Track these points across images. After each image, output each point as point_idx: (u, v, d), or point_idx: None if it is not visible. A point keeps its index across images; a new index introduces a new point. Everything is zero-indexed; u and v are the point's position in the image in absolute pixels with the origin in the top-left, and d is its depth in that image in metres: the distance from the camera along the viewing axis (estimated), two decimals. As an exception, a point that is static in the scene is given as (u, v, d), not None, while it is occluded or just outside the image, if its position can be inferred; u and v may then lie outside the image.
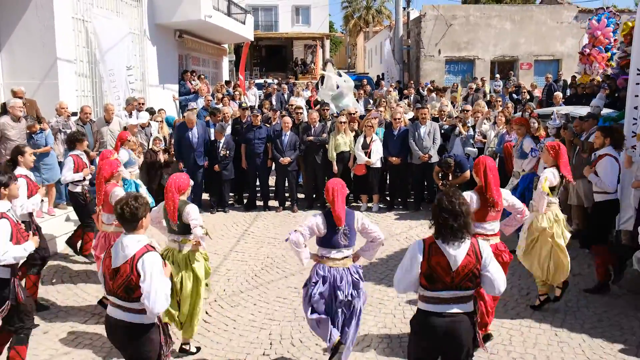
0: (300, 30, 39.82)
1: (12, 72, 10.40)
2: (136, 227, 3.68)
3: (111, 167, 6.07)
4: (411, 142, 10.15)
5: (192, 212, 5.14)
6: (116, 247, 3.70)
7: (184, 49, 17.50)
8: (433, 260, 3.54)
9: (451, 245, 3.52)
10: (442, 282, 3.54)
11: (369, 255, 4.93)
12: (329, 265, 4.68)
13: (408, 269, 3.62)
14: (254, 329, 5.83)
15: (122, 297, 3.63)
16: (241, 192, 11.29)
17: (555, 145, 5.97)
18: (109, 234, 6.01)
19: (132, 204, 3.63)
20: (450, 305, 3.58)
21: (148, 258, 3.59)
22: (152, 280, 3.53)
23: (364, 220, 4.74)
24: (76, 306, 6.45)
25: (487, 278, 3.59)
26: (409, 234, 9.08)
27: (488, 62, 25.19)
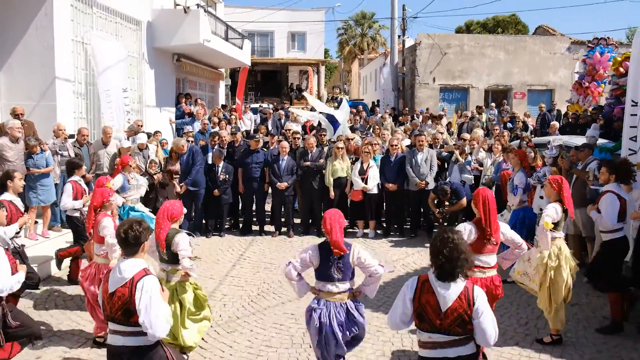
0: (295, 56, 40.15)
1: (10, 93, 10.39)
2: (137, 251, 3.68)
3: (102, 197, 5.95)
4: (408, 169, 10.18)
5: (181, 242, 5.08)
6: (114, 271, 3.68)
7: (182, 73, 17.59)
8: (423, 298, 3.52)
9: (443, 284, 3.49)
10: (431, 322, 3.50)
11: (369, 291, 4.81)
12: (325, 299, 4.61)
13: (398, 304, 3.64)
14: (251, 356, 5.75)
15: (121, 320, 3.60)
16: (237, 217, 11.26)
17: (558, 179, 5.95)
18: (98, 265, 5.87)
19: (136, 228, 3.63)
20: (447, 349, 3.53)
21: (146, 282, 3.58)
22: (151, 303, 3.51)
23: (361, 253, 4.62)
24: (69, 331, 6.35)
25: (478, 328, 3.50)
26: (406, 260, 9.05)
27: (482, 90, 25.47)
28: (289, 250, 9.64)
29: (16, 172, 6.53)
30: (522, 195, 8.12)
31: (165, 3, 15.79)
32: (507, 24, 47.42)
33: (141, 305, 3.49)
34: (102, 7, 12.45)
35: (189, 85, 18.62)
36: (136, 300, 3.50)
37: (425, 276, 3.60)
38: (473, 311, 3.47)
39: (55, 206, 9.35)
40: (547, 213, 5.76)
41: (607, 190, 6.30)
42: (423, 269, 8.59)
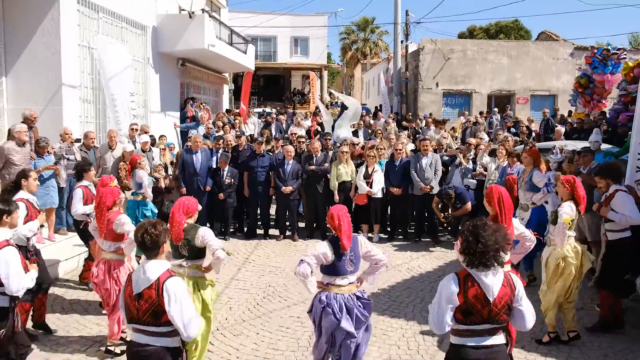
0: (298, 60, 40.28)
1: (17, 97, 10.45)
2: (157, 253, 3.70)
3: (113, 195, 5.97)
4: (413, 174, 10.21)
5: (208, 235, 5.09)
6: (138, 273, 3.69)
7: (186, 77, 17.67)
8: (470, 293, 3.44)
9: (485, 274, 3.46)
10: (480, 315, 3.46)
11: (372, 280, 4.89)
12: (334, 292, 4.64)
13: (444, 306, 3.48)
14: (258, 359, 5.77)
15: (149, 322, 3.61)
16: (241, 220, 11.30)
17: (570, 179, 6.00)
18: (109, 262, 5.88)
19: (152, 231, 3.65)
20: (485, 337, 3.51)
21: (173, 283, 3.60)
22: (182, 305, 3.55)
23: (367, 244, 4.77)
24: (76, 334, 6.37)
25: (520, 312, 3.52)
26: (410, 264, 9.08)
27: (485, 95, 25.52)
28: (293, 254, 9.66)
29: (32, 171, 6.55)
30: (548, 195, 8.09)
31: (170, 8, 15.89)
32: (510, 29, 47.50)
33: (172, 307, 3.51)
34: (108, 12, 12.53)
35: (193, 90, 18.70)
36: (165, 302, 3.52)
37: (464, 271, 3.53)
38: (515, 296, 3.50)
39: (61, 210, 9.39)
40: (564, 210, 5.80)
41: (617, 190, 6.36)
42: (428, 273, 8.62)
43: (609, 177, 6.53)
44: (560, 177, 6.26)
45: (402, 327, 6.59)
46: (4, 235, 4.43)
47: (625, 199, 6.27)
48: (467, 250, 3.48)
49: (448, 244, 10.23)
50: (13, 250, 4.37)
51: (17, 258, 4.34)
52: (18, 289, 4.29)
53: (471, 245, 3.45)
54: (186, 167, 10.29)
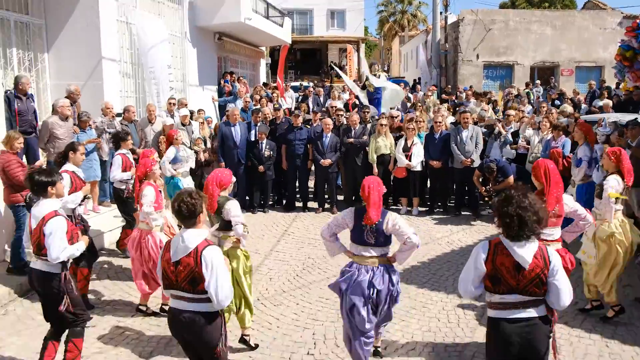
0: (335, 33, 39.86)
1: (59, 73, 10.62)
2: (195, 222, 3.72)
3: (145, 166, 6.13)
4: (453, 146, 10.03)
5: (232, 209, 5.12)
6: (176, 241, 3.73)
7: (223, 51, 17.68)
8: (498, 260, 3.44)
9: (518, 244, 3.41)
10: (507, 284, 3.43)
11: (400, 258, 4.76)
12: (358, 263, 4.63)
13: (470, 269, 3.54)
14: (298, 329, 5.81)
15: (187, 289, 3.68)
16: (280, 193, 11.34)
17: (617, 150, 5.81)
18: (141, 232, 6.09)
19: (189, 200, 3.66)
20: (520, 310, 3.46)
21: (210, 252, 3.65)
22: (217, 274, 3.60)
23: (397, 221, 4.56)
24: (122, 301, 6.55)
25: (554, 287, 3.43)
26: (450, 238, 8.97)
27: (527, 67, 24.83)
28: (332, 226, 9.66)
29: (81, 145, 6.68)
30: (588, 170, 7.86)
31: (207, -18, 15.82)
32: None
33: (208, 275, 3.58)
34: (146, -13, 12.57)
35: (230, 64, 18.72)
36: (203, 270, 3.58)
37: (497, 239, 3.51)
38: (549, 270, 3.42)
39: (104, 182, 9.58)
40: (609, 184, 5.64)
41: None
42: (468, 247, 8.50)
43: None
44: (607, 149, 6.05)
45: (442, 300, 6.53)
46: (52, 206, 4.53)
47: None
48: (501, 217, 3.44)
49: (489, 218, 10.06)
50: (61, 220, 4.47)
51: (63, 228, 4.43)
52: (58, 257, 4.38)
53: (507, 215, 3.39)
54: (225, 140, 10.34)
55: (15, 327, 5.88)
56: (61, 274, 4.54)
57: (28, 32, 10.16)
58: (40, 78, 10.41)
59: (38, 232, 4.41)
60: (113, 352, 5.32)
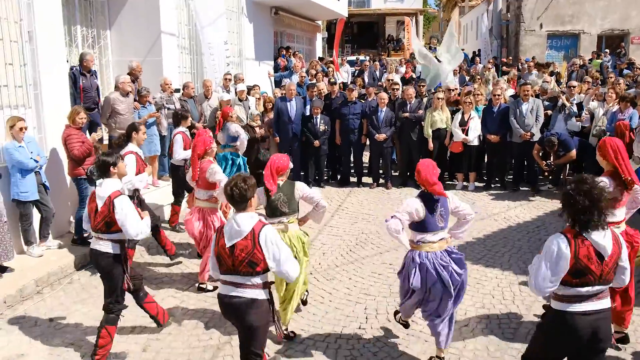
0: (393, 6, 39.14)
1: (120, 49, 10.90)
2: (245, 207, 3.77)
3: (204, 144, 6.14)
4: (512, 120, 9.74)
5: (306, 189, 5.24)
6: (229, 225, 3.76)
7: (280, 26, 17.69)
8: (581, 252, 3.26)
9: (599, 234, 3.28)
10: (592, 275, 3.28)
11: (459, 235, 4.76)
12: (426, 251, 4.49)
13: (550, 266, 3.32)
14: (350, 303, 5.86)
15: (244, 272, 3.72)
16: (335, 168, 11.36)
17: None
18: (203, 209, 6.12)
19: (242, 185, 3.71)
20: (592, 301, 3.34)
21: (268, 232, 3.72)
22: (281, 251, 3.70)
23: (455, 199, 4.61)
24: (178, 273, 6.76)
25: (622, 269, 3.40)
26: (507, 214, 8.79)
27: (595, 36, 23.69)
28: (386, 201, 9.63)
29: (142, 125, 6.89)
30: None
31: (263, -44, 15.82)
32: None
33: (271, 255, 3.67)
34: (202, -37, 12.65)
35: (287, 39, 18.73)
36: (264, 251, 3.66)
37: (572, 231, 3.33)
38: (622, 254, 3.38)
39: (163, 157, 9.84)
40: None
41: None
42: (526, 223, 8.32)
43: None
44: None
45: (497, 276, 6.44)
46: (115, 186, 4.71)
47: None
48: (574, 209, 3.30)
49: (549, 194, 9.80)
50: (127, 198, 4.65)
51: (131, 205, 4.62)
52: (137, 233, 4.57)
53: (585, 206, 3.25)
54: (280, 115, 10.39)
55: (80, 295, 6.19)
56: (121, 253, 4.74)
57: (91, 10, 10.44)
58: (103, 55, 10.72)
59: (107, 210, 4.55)
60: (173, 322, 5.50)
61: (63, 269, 6.65)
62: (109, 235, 4.66)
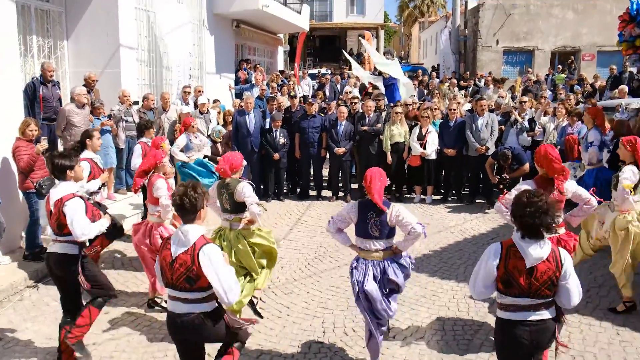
0: (354, 20, 39.60)
1: (77, 61, 10.73)
2: (195, 218, 3.65)
3: (155, 158, 6.06)
4: (468, 134, 9.97)
5: (246, 190, 5.20)
6: (175, 237, 3.67)
7: (241, 39, 17.71)
8: (510, 264, 3.41)
9: (532, 246, 3.39)
10: (519, 287, 3.41)
11: (404, 247, 4.73)
12: (364, 258, 4.64)
13: (481, 271, 3.52)
14: (308, 317, 5.88)
15: (183, 287, 3.60)
16: (294, 181, 11.39)
17: (632, 139, 5.71)
18: (150, 224, 6.02)
19: (192, 194, 3.59)
20: (530, 312, 3.46)
21: (209, 250, 3.56)
22: (220, 272, 3.52)
23: (400, 212, 4.54)
24: (135, 290, 6.64)
25: (565, 289, 3.47)
26: (464, 226, 8.95)
27: (548, 52, 24.45)
28: (346, 215, 9.69)
29: (95, 131, 6.80)
30: (599, 154, 7.79)
31: (225, -31, 15.83)
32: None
33: (210, 273, 3.51)
34: (163, -26, 12.60)
35: (248, 51, 18.75)
36: (203, 268, 3.51)
37: (510, 241, 3.49)
38: (561, 273, 3.44)
39: (120, 170, 9.71)
40: (624, 176, 5.57)
41: None
42: (481, 235, 8.49)
43: None
44: (622, 138, 5.96)
45: (452, 288, 6.55)
46: (70, 189, 4.68)
47: None
48: (516, 220, 3.44)
49: (503, 206, 10.02)
50: (79, 200, 4.61)
51: (82, 207, 4.58)
52: (83, 233, 4.53)
53: (521, 214, 3.39)
54: (239, 128, 10.37)
55: (30, 313, 6.03)
56: (79, 254, 4.69)
57: (48, 20, 10.26)
58: (60, 65, 10.53)
59: (57, 213, 4.54)
60: (125, 338, 5.42)
61: (13, 285, 6.48)
62: (64, 237, 4.62)
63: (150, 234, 5.94)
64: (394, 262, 4.66)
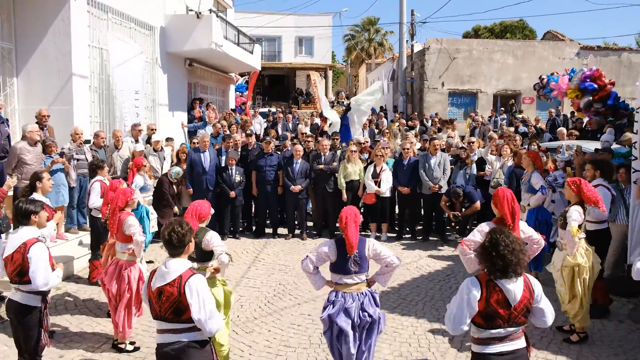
0: (303, 60, 40.30)
1: (27, 98, 10.53)
2: (182, 252, 3.73)
3: (125, 196, 6.08)
4: (421, 173, 10.25)
5: (214, 239, 5.17)
6: (160, 270, 3.71)
7: (194, 77, 17.73)
8: (492, 298, 3.49)
9: (510, 281, 3.51)
10: (501, 319, 3.50)
11: (383, 280, 4.91)
12: (343, 291, 4.71)
13: (461, 307, 3.54)
14: (270, 356, 5.83)
15: (170, 319, 3.63)
16: (250, 219, 11.36)
17: (577, 180, 6.02)
18: (121, 263, 5.95)
19: (179, 230, 3.68)
20: (506, 342, 3.56)
21: (196, 281, 3.61)
22: (205, 303, 3.57)
23: (376, 246, 4.74)
24: (90, 331, 6.43)
25: (540, 310, 3.63)
26: (419, 263, 9.12)
27: (491, 95, 25.51)
28: (302, 252, 9.71)
29: (45, 172, 6.64)
30: (551, 195, 8.15)
31: (177, 8, 15.94)
32: (515, 29, 47.43)
33: (194, 303, 3.54)
34: (117, 13, 12.60)
35: (200, 90, 18.75)
36: (188, 298, 3.54)
37: (485, 276, 3.57)
38: (534, 298, 3.59)
39: (71, 209, 9.46)
40: (572, 217, 5.82)
41: (598, 184, 6.58)
42: (437, 272, 8.67)
43: (599, 170, 6.96)
44: (567, 179, 6.29)
45: (412, 324, 6.64)
46: (33, 234, 4.55)
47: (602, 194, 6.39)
48: (489, 262, 3.55)
49: (456, 243, 10.24)
50: (43, 246, 4.49)
51: (46, 254, 4.47)
52: (45, 283, 4.41)
53: (493, 257, 3.51)
54: (194, 166, 10.34)
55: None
56: (41, 306, 4.54)
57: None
58: (9, 102, 10.30)
59: (20, 259, 4.39)
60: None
61: (-40, 329, 6.18)
62: (25, 286, 4.45)
63: (119, 273, 5.84)
64: (371, 293, 4.78)
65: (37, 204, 4.68)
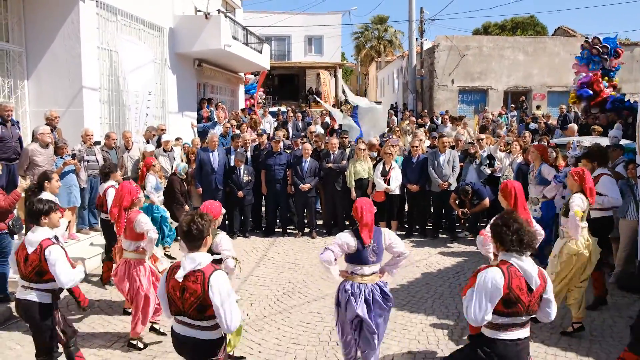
0: (312, 59, 40.30)
1: (38, 100, 10.65)
2: (200, 245, 3.68)
3: (131, 195, 6.09)
4: (430, 170, 10.23)
5: (223, 242, 5.16)
6: (182, 267, 3.65)
7: (203, 78, 17.82)
8: (514, 283, 3.49)
9: (526, 263, 3.54)
10: (521, 305, 3.51)
11: (393, 271, 5.03)
12: (358, 282, 4.77)
13: (485, 296, 3.50)
14: (280, 353, 5.86)
15: (193, 316, 3.62)
16: (259, 218, 11.40)
17: (580, 170, 6.10)
18: (129, 261, 6.02)
19: (199, 221, 3.64)
20: (518, 330, 3.58)
21: (219, 277, 3.59)
22: (227, 300, 3.55)
23: (391, 236, 4.89)
24: (101, 330, 6.50)
25: (548, 302, 3.66)
26: (429, 260, 9.11)
27: (501, 92, 25.39)
28: (312, 250, 9.74)
29: (54, 173, 6.71)
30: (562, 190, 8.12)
31: (186, 9, 16.04)
32: (526, 25, 47.12)
33: (217, 300, 3.51)
34: (126, 15, 12.70)
35: (209, 90, 18.84)
36: (211, 295, 3.52)
37: (505, 262, 3.58)
38: (545, 288, 3.62)
39: (82, 209, 9.54)
40: (575, 203, 5.87)
41: (600, 174, 6.60)
42: (446, 269, 8.65)
43: (595, 161, 6.97)
44: (570, 169, 6.32)
45: (421, 321, 6.63)
46: (47, 234, 4.61)
47: (608, 182, 6.55)
48: (503, 237, 3.59)
49: (465, 240, 10.25)
50: (59, 247, 4.55)
51: (62, 254, 4.53)
52: (71, 280, 4.50)
53: (505, 233, 3.57)
54: (203, 166, 10.39)
55: (-7, 357, 5.84)
56: (52, 304, 4.62)
57: (8, 59, 10.19)
58: (20, 105, 10.42)
59: (37, 260, 4.46)
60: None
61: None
62: (40, 285, 4.53)
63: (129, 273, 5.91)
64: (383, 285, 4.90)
65: (46, 203, 4.73)
